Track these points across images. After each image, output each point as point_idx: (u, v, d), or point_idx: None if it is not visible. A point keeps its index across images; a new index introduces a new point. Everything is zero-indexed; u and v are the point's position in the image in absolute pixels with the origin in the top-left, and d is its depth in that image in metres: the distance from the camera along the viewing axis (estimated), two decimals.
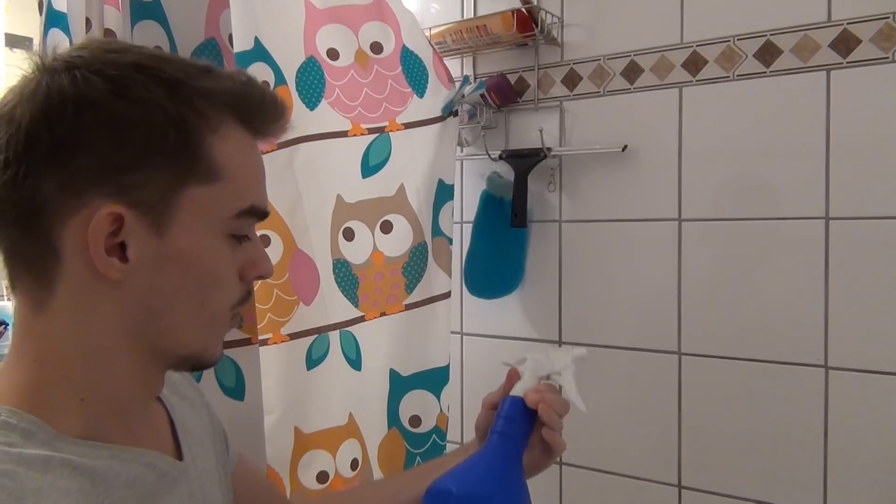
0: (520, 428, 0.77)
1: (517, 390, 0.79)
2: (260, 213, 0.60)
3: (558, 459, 1.43)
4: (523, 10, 1.37)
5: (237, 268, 0.60)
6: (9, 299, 1.76)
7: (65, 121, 0.51)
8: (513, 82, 1.46)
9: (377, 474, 1.24)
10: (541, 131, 1.39)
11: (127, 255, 0.53)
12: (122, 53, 0.55)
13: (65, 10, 1.11)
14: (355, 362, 1.19)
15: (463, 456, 0.79)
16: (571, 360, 0.82)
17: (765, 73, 1.21)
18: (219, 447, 0.74)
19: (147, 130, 0.53)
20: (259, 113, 0.59)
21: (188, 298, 0.57)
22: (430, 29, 1.45)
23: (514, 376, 0.82)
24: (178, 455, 0.65)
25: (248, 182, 0.58)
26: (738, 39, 1.23)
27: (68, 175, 0.51)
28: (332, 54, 1.18)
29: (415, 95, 1.26)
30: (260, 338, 0.99)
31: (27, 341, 0.55)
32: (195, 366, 0.62)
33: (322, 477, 1.13)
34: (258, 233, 0.66)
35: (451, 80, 1.31)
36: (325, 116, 1.15)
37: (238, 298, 0.61)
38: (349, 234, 1.19)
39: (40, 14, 1.12)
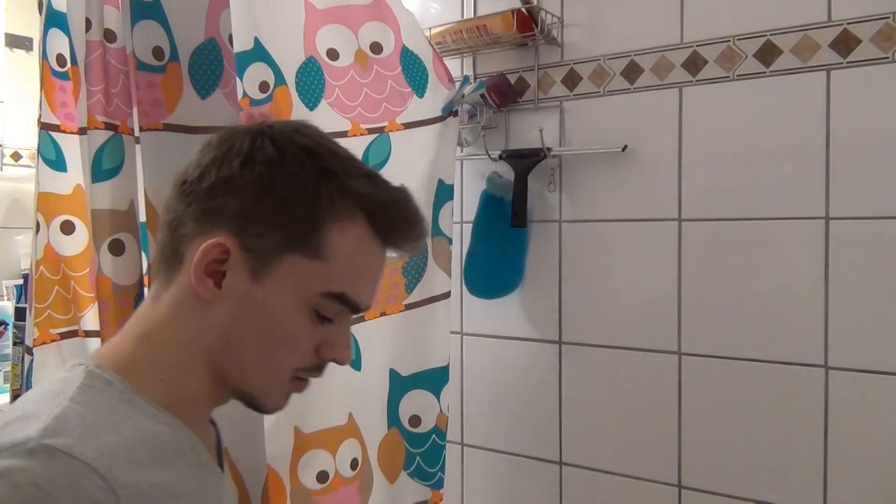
0: None
1: None
2: (350, 303, 0.66)
3: (558, 459, 1.43)
4: (523, 10, 1.37)
5: (316, 341, 0.67)
6: (8, 299, 1.76)
7: (231, 168, 0.64)
8: (513, 82, 1.46)
9: (377, 474, 1.24)
10: (541, 131, 1.39)
11: (222, 283, 0.64)
12: (303, 136, 0.66)
13: (65, 10, 1.11)
14: (355, 362, 1.19)
15: None
16: None
17: (765, 73, 1.21)
18: None
19: (284, 198, 0.63)
20: (389, 226, 0.67)
21: (259, 343, 0.65)
22: (430, 29, 1.45)
23: None
24: (220, 468, 0.75)
25: (348, 273, 0.65)
26: (738, 39, 1.23)
27: (214, 207, 0.64)
28: (332, 54, 1.18)
29: (415, 95, 1.26)
30: None
31: (139, 322, 0.67)
32: (252, 405, 0.69)
33: (322, 477, 1.13)
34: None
35: (451, 80, 1.31)
36: (325, 117, 1.15)
37: (305, 366, 0.68)
38: None
39: (40, 14, 1.12)
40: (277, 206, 0.63)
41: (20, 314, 1.65)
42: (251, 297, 0.64)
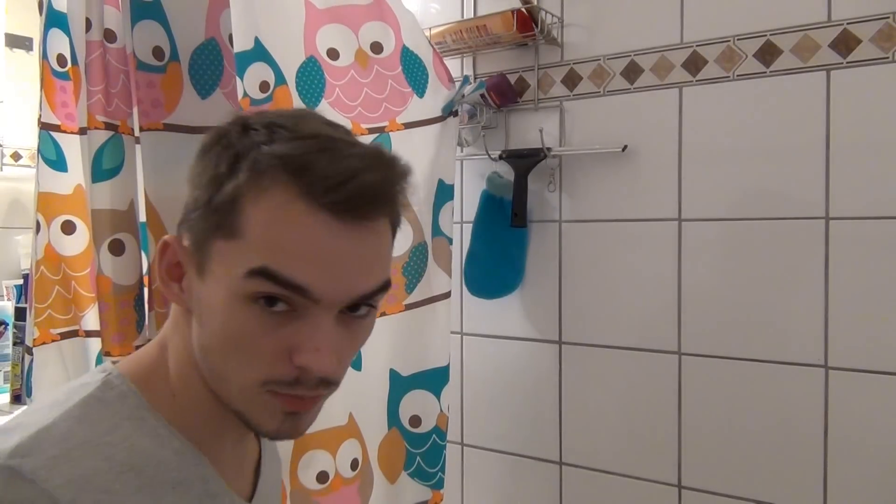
0: None
1: None
2: (281, 280, 0.53)
3: (558, 459, 1.43)
4: (523, 10, 1.37)
5: (283, 344, 0.55)
6: (8, 299, 1.76)
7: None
8: (513, 82, 1.46)
9: (377, 474, 1.24)
10: (541, 131, 1.39)
11: (182, 284, 0.59)
12: (250, 116, 0.59)
13: (65, 10, 1.11)
14: (355, 362, 1.19)
15: None
16: None
17: (765, 73, 1.21)
18: None
19: (209, 181, 0.57)
20: (317, 181, 0.53)
21: (220, 350, 0.56)
22: (430, 29, 1.45)
23: None
24: (251, 494, 0.68)
25: (267, 243, 0.54)
26: (738, 39, 1.23)
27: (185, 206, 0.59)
28: (333, 54, 1.18)
29: (415, 95, 1.26)
30: None
31: (163, 328, 0.63)
32: (248, 427, 0.59)
33: (322, 477, 1.13)
34: None
35: (451, 80, 1.31)
36: (326, 116, 1.15)
37: (277, 378, 0.55)
38: None
39: (40, 14, 1.12)
40: (204, 191, 0.56)
41: (20, 314, 1.65)
42: (201, 297, 0.57)
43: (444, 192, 1.29)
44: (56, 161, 1.13)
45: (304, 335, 0.54)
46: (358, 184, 0.53)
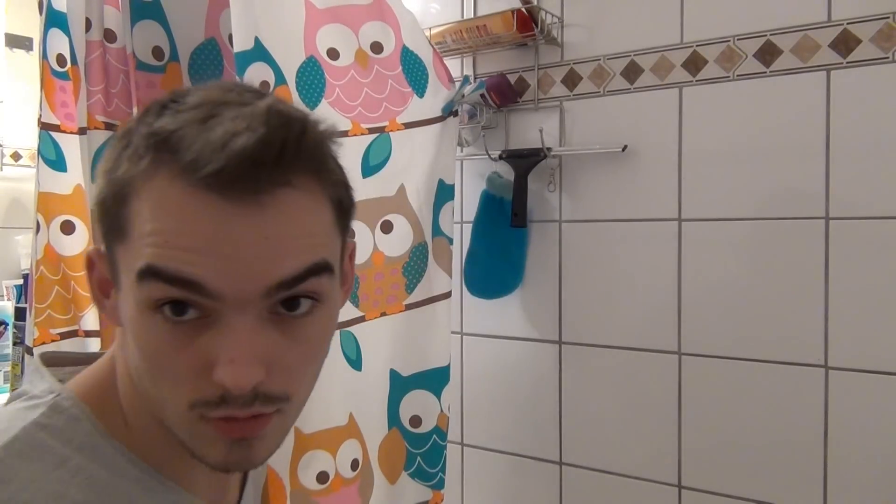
0: None
1: None
2: (166, 276, 0.44)
3: (558, 459, 1.43)
4: (523, 10, 1.37)
5: (202, 359, 0.46)
6: (8, 299, 1.76)
7: None
8: (513, 82, 1.46)
9: (378, 475, 1.24)
10: (541, 131, 1.39)
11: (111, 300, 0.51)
12: (191, 89, 0.49)
13: (65, 10, 1.11)
14: (356, 362, 1.19)
15: None
16: None
17: (765, 73, 1.21)
18: None
19: (102, 173, 0.49)
20: (192, 153, 0.44)
21: (143, 370, 0.48)
22: (430, 29, 1.45)
23: None
24: None
25: (152, 239, 0.45)
26: (738, 39, 1.23)
27: None
28: (333, 54, 1.18)
29: (415, 95, 1.26)
30: None
31: (114, 343, 0.54)
32: (194, 458, 0.49)
33: (322, 477, 1.13)
34: None
35: (451, 80, 1.31)
36: (326, 116, 1.15)
37: (202, 398, 0.46)
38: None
39: (40, 14, 1.12)
40: (99, 190, 0.49)
41: (20, 314, 1.65)
42: (121, 312, 0.49)
43: (444, 192, 1.29)
44: (56, 161, 1.13)
45: (219, 345, 0.45)
46: (232, 150, 0.43)
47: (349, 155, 1.19)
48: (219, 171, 0.43)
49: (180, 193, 0.44)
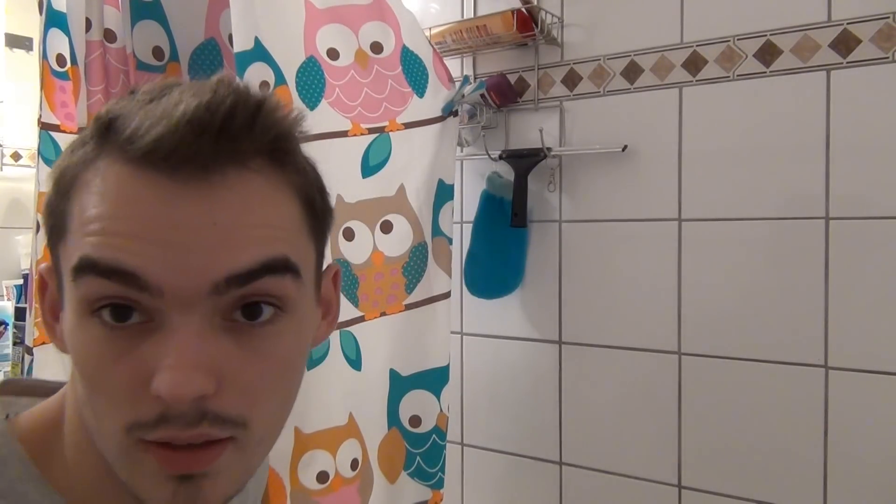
0: None
1: None
2: (101, 268, 0.38)
3: (558, 459, 1.43)
4: (523, 10, 1.37)
5: (141, 371, 0.39)
6: (8, 299, 1.76)
7: None
8: (513, 82, 1.46)
9: (377, 474, 1.24)
10: (541, 131, 1.39)
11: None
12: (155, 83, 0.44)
13: (65, 10, 1.11)
14: (355, 362, 1.19)
15: None
16: None
17: (765, 73, 1.21)
18: None
19: (54, 172, 0.45)
20: (127, 132, 0.39)
21: (86, 394, 0.42)
22: (430, 29, 1.45)
23: None
24: None
25: (89, 228, 0.39)
26: (738, 39, 1.23)
27: None
28: (332, 54, 1.18)
29: (415, 95, 1.26)
30: None
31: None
32: (138, 501, 0.42)
33: (322, 477, 1.13)
34: None
35: (451, 80, 1.31)
36: (325, 116, 1.15)
37: (140, 420, 0.39)
38: (349, 234, 1.19)
39: (40, 14, 1.12)
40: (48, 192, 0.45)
41: (20, 314, 1.65)
42: (65, 330, 0.43)
43: (444, 192, 1.29)
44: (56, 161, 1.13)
45: (160, 351, 0.39)
46: (172, 117, 0.38)
47: (349, 155, 1.19)
48: (156, 140, 0.38)
49: (118, 173, 0.39)
